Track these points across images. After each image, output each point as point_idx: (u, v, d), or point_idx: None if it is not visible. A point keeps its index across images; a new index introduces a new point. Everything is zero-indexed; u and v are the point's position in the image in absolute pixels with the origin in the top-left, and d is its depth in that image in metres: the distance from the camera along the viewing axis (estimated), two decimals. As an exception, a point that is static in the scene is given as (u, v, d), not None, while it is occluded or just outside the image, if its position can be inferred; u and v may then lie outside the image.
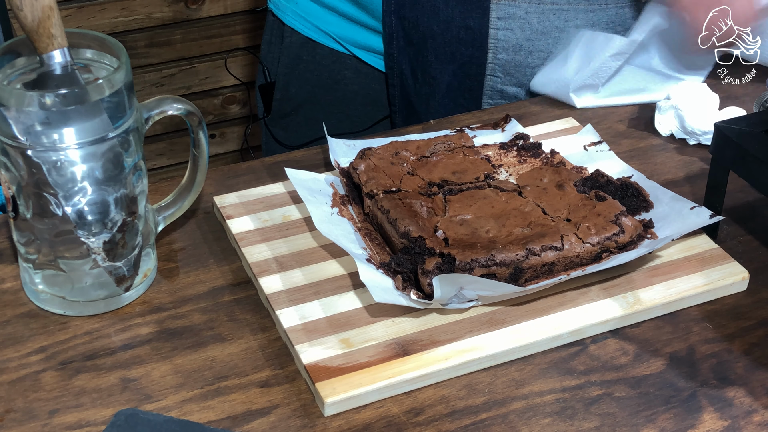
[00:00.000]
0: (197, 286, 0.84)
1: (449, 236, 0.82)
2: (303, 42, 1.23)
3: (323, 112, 1.25)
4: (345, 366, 0.74)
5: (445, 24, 1.11)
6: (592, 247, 0.81)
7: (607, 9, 1.11)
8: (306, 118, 1.27)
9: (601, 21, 1.12)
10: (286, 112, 1.29)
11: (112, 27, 2.04)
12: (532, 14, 1.10)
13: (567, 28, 1.11)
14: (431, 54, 1.14)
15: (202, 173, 0.85)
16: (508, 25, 1.10)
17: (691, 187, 0.96)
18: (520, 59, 1.12)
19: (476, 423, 0.72)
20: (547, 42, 1.12)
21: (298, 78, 1.26)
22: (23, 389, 0.74)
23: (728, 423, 0.73)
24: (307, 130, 1.27)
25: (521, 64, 1.13)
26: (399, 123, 1.21)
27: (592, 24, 1.11)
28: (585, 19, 1.11)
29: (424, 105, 1.18)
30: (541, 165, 0.93)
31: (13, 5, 0.73)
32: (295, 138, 1.29)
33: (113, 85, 0.74)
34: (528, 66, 1.13)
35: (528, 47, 1.11)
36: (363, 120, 1.24)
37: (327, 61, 1.22)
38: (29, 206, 0.76)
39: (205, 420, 0.72)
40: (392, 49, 1.15)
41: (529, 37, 1.11)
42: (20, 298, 0.82)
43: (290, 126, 1.29)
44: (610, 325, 0.80)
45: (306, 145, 1.27)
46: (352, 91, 1.22)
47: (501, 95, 1.15)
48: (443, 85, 1.15)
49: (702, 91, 1.02)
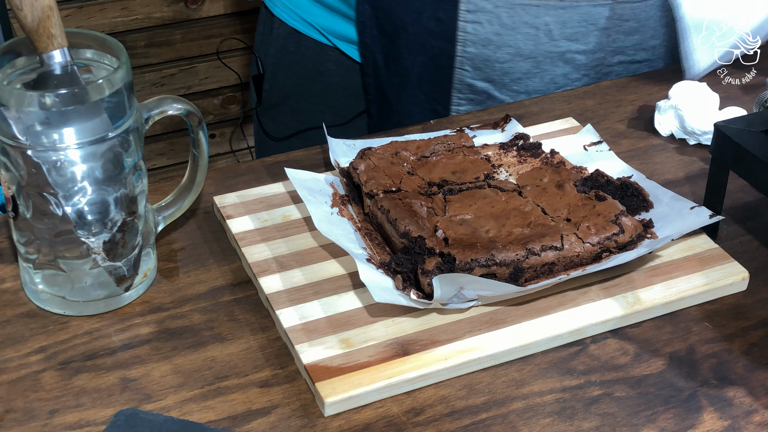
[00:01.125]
0: (197, 286, 0.84)
1: (449, 236, 0.82)
2: (289, 33, 1.24)
3: (308, 103, 1.26)
4: (345, 366, 0.74)
5: (416, 14, 1.11)
6: (592, 247, 0.81)
7: (579, 7, 1.10)
8: (292, 109, 1.28)
9: (572, 19, 1.11)
10: (274, 102, 1.30)
11: (112, 27, 2.04)
12: (502, 8, 1.09)
13: (537, 24, 1.10)
14: (403, 44, 1.14)
15: (202, 173, 0.85)
16: (477, 19, 1.09)
17: (691, 187, 0.96)
18: (489, 54, 1.11)
19: (476, 423, 0.72)
20: (516, 38, 1.11)
21: (284, 69, 1.27)
22: (23, 389, 0.74)
23: (728, 423, 0.73)
24: (293, 121, 1.28)
25: (490, 58, 1.12)
26: (374, 113, 1.21)
27: (562, 21, 1.11)
28: (555, 16, 1.10)
29: (396, 95, 1.18)
30: (541, 165, 0.93)
31: (13, 5, 0.73)
32: (282, 129, 1.29)
33: (113, 85, 0.74)
34: (497, 61, 1.12)
35: (497, 42, 1.11)
36: (345, 112, 1.24)
37: (311, 52, 1.23)
38: (29, 206, 0.76)
39: (205, 420, 0.72)
40: (366, 38, 1.15)
41: (497, 31, 1.10)
42: (20, 298, 0.82)
43: (278, 117, 1.31)
44: (610, 325, 0.80)
45: (290, 138, 1.27)
46: (335, 83, 1.23)
47: (470, 89, 1.15)
48: (414, 77, 1.15)
49: (702, 91, 1.02)
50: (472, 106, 1.16)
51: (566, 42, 1.12)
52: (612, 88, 1.13)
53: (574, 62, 1.15)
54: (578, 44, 1.13)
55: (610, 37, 1.14)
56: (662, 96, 1.08)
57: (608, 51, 1.16)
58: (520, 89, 1.15)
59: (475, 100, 1.16)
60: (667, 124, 1.03)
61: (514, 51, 1.11)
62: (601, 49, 1.15)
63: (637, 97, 1.11)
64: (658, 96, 1.10)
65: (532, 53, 1.12)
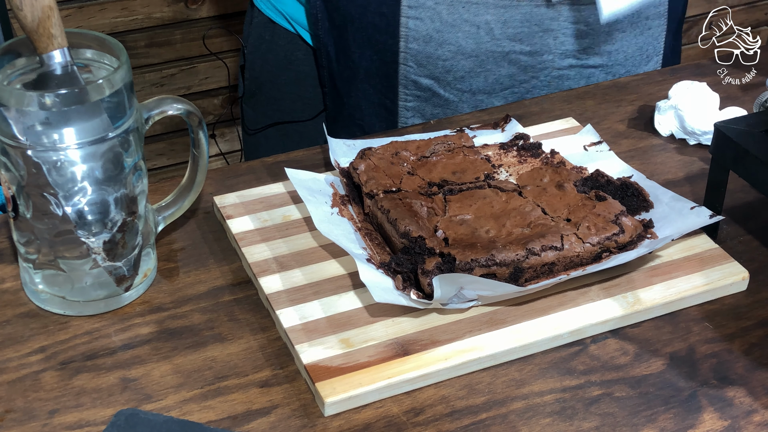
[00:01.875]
0: (197, 286, 0.84)
1: (449, 236, 0.82)
2: (265, 22, 1.25)
3: (280, 92, 1.26)
4: (345, 366, 0.74)
5: (362, 8, 1.11)
6: (592, 247, 0.81)
7: (519, 6, 1.09)
8: (267, 98, 1.29)
9: (513, 18, 1.10)
10: (253, 92, 1.31)
11: (112, 27, 2.04)
12: (442, 5, 1.08)
13: (477, 22, 1.09)
14: (351, 38, 1.14)
15: (202, 173, 0.85)
16: (419, 15, 1.08)
17: (691, 187, 0.96)
18: (431, 50, 1.11)
19: (476, 423, 0.72)
20: (457, 35, 1.10)
21: (261, 58, 1.27)
22: (23, 389, 0.74)
23: (728, 423, 0.73)
24: (270, 110, 1.28)
25: (432, 55, 1.11)
26: (330, 105, 1.21)
27: (503, 21, 1.09)
28: (496, 15, 1.09)
29: (347, 88, 1.18)
30: (541, 165, 0.93)
31: (13, 5, 0.73)
32: (261, 119, 1.30)
33: (113, 85, 0.74)
34: (439, 58, 1.11)
35: (438, 39, 1.10)
36: (316, 102, 1.24)
37: (283, 41, 1.23)
38: (29, 206, 0.76)
39: (205, 420, 0.72)
40: (318, 31, 1.16)
41: (438, 28, 1.09)
42: (20, 298, 0.82)
43: (257, 106, 1.31)
44: (610, 325, 0.80)
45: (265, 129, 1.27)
46: (304, 72, 1.23)
47: (415, 86, 1.14)
48: (362, 71, 1.15)
49: (702, 91, 1.02)
50: (419, 103, 1.15)
51: (509, 42, 1.11)
52: (612, 88, 1.13)
53: (520, 63, 1.13)
54: (522, 45, 1.12)
55: (557, 40, 1.13)
56: (662, 96, 1.08)
57: (557, 54, 1.14)
58: (464, 88, 1.14)
59: (422, 96, 1.15)
60: (667, 124, 1.03)
61: (456, 49, 1.10)
62: (548, 52, 1.13)
63: (637, 97, 1.11)
64: (658, 96, 1.10)
65: (474, 52, 1.11)
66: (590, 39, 1.14)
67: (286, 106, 1.24)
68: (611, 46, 1.16)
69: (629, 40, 1.17)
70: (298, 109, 1.24)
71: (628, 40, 1.17)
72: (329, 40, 1.16)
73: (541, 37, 1.12)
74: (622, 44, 1.16)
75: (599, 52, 1.16)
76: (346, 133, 1.19)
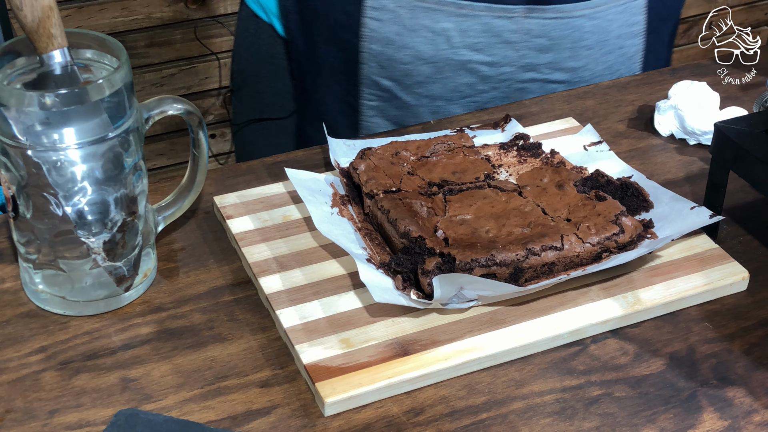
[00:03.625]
0: (197, 286, 0.84)
1: (449, 236, 0.82)
2: (250, 16, 1.25)
3: (263, 86, 1.27)
4: (345, 366, 0.74)
5: (328, 5, 1.11)
6: (592, 247, 0.81)
7: (478, 16, 1.07)
8: (252, 92, 1.29)
9: (472, 28, 1.08)
10: (239, 85, 1.31)
11: (112, 27, 2.04)
12: (403, 8, 1.07)
13: (436, 29, 1.08)
14: (317, 33, 1.14)
15: (202, 173, 0.85)
16: (380, 16, 1.08)
17: (691, 187, 0.96)
18: (391, 53, 1.10)
19: (476, 423, 0.72)
20: (416, 40, 1.09)
21: (246, 51, 1.28)
22: (23, 389, 0.74)
23: (728, 423, 0.73)
24: (254, 104, 1.28)
25: (392, 58, 1.10)
26: (299, 98, 1.22)
27: (462, 29, 1.08)
28: (455, 23, 1.08)
29: (313, 82, 1.18)
30: (541, 165, 0.93)
31: (13, 5, 0.73)
32: (247, 112, 1.30)
33: (113, 85, 0.74)
34: (399, 62, 1.10)
35: (398, 42, 1.09)
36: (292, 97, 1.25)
37: (265, 35, 1.24)
38: (29, 206, 0.76)
39: (205, 420, 0.72)
40: (290, 23, 1.16)
41: (398, 31, 1.08)
42: (20, 298, 0.82)
43: (243, 99, 1.32)
44: (610, 325, 0.80)
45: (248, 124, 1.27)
46: (283, 67, 1.24)
47: (377, 86, 1.13)
48: (327, 66, 1.15)
49: (702, 91, 1.02)
50: (380, 103, 1.15)
51: (468, 51, 1.10)
52: (612, 88, 1.13)
53: (479, 73, 1.12)
54: (482, 55, 1.10)
55: (518, 52, 1.11)
56: (662, 96, 1.08)
57: (518, 66, 1.12)
58: (423, 93, 1.13)
59: (383, 97, 1.14)
60: (667, 124, 1.03)
61: (415, 54, 1.09)
62: (508, 64, 1.12)
63: (637, 97, 1.11)
64: (658, 96, 1.10)
65: (433, 58, 1.10)
66: (553, 54, 1.12)
67: (268, 100, 1.25)
68: (576, 62, 1.14)
69: (597, 58, 1.14)
70: (278, 104, 1.25)
71: (596, 58, 1.14)
72: (299, 33, 1.16)
73: (501, 49, 1.10)
74: (588, 62, 1.14)
75: (563, 68, 1.14)
76: (312, 129, 1.19)
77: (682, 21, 2.56)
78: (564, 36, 1.11)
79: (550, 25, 1.09)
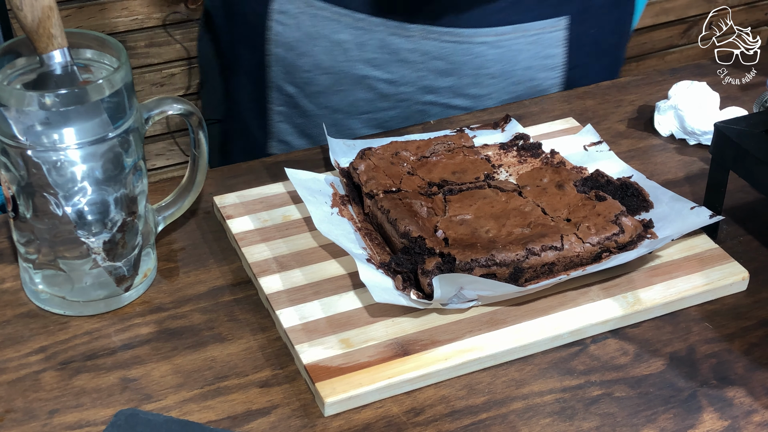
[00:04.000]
0: (197, 286, 0.84)
1: (449, 236, 0.82)
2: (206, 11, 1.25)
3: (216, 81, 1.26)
4: (345, 366, 0.74)
5: (243, 4, 1.11)
6: (592, 247, 0.81)
7: (374, 31, 1.05)
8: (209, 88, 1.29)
9: (369, 43, 1.06)
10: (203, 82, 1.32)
11: (112, 27, 2.04)
12: (304, 15, 1.06)
13: (335, 40, 1.06)
14: (234, 31, 1.14)
15: (202, 173, 0.85)
16: (285, 21, 1.07)
17: (691, 187, 0.96)
18: (293, 59, 1.09)
19: (476, 423, 0.72)
20: (316, 49, 1.07)
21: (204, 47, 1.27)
22: (23, 389, 0.74)
23: (728, 423, 0.73)
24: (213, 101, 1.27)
25: (294, 64, 1.09)
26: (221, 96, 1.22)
27: (359, 43, 1.06)
28: (352, 35, 1.06)
29: (231, 80, 1.18)
30: (541, 165, 0.93)
31: (13, 5, 0.73)
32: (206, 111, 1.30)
33: (113, 85, 0.74)
34: (300, 69, 1.09)
35: (299, 49, 1.08)
36: None
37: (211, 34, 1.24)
38: (29, 206, 0.76)
39: (205, 420, 0.72)
40: (216, 21, 1.16)
41: (300, 38, 1.07)
42: (20, 298, 0.82)
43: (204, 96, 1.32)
44: (610, 325, 0.80)
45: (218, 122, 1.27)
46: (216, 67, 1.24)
47: (282, 91, 1.13)
48: (240, 66, 1.15)
49: (702, 91, 1.02)
50: (286, 108, 1.14)
51: (365, 66, 1.08)
52: (612, 88, 1.12)
53: (377, 90, 1.09)
54: (380, 72, 1.08)
55: (417, 73, 1.08)
56: (662, 96, 1.08)
57: (417, 87, 1.09)
58: (324, 103, 1.12)
59: (288, 103, 1.13)
60: (667, 124, 1.03)
61: (314, 62, 1.08)
62: (408, 83, 1.09)
63: (637, 97, 1.11)
64: (658, 96, 1.10)
65: (331, 69, 1.08)
66: (454, 79, 1.09)
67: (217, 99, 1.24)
68: (479, 90, 1.10)
69: (503, 88, 1.11)
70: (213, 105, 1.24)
71: (502, 88, 1.11)
72: (223, 31, 1.16)
73: (399, 68, 1.08)
74: (493, 90, 1.11)
75: (465, 94, 1.10)
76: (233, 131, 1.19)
77: (683, 21, 2.56)
78: (465, 62, 1.07)
79: (448, 48, 1.06)
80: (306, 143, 1.14)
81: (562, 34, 1.08)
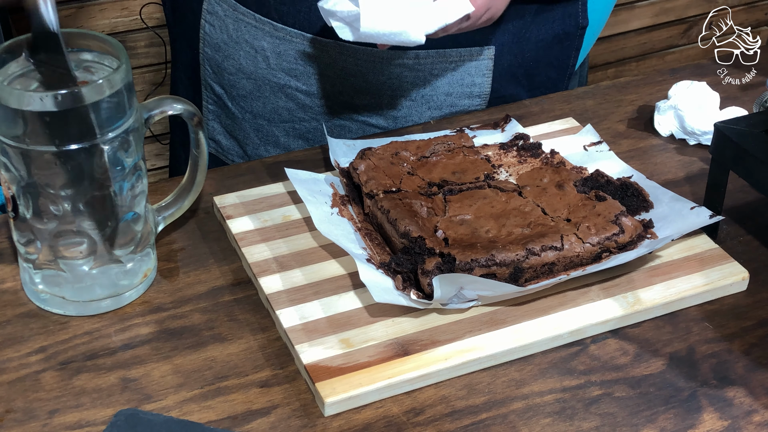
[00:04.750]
0: (197, 286, 0.84)
1: (449, 236, 0.82)
2: None
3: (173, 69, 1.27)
4: (345, 366, 0.74)
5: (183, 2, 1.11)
6: (592, 247, 0.81)
7: (292, 42, 1.04)
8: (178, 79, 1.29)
9: (287, 52, 1.05)
10: None
11: (112, 27, 2.04)
12: (229, 18, 1.06)
13: (255, 46, 1.06)
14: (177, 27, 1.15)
15: (202, 173, 0.85)
16: (212, 21, 1.07)
17: (691, 187, 0.96)
18: (219, 60, 1.09)
19: (476, 423, 0.72)
20: (239, 53, 1.07)
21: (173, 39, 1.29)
22: (23, 389, 0.74)
23: (728, 423, 0.73)
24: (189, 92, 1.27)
25: (221, 65, 1.10)
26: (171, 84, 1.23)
27: (278, 52, 1.05)
28: (271, 44, 1.05)
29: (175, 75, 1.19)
30: (541, 165, 0.93)
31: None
32: None
33: (113, 86, 0.74)
34: (226, 71, 1.09)
35: (224, 51, 1.08)
36: None
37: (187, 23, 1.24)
38: (29, 206, 0.76)
39: (205, 420, 0.72)
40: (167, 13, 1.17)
41: (225, 40, 1.08)
42: (20, 298, 0.82)
43: None
44: (610, 325, 0.80)
45: None
46: None
47: (212, 90, 1.13)
48: (180, 61, 1.16)
49: (702, 91, 1.02)
50: (216, 108, 1.14)
51: (285, 75, 1.07)
52: (612, 88, 1.13)
53: (297, 100, 1.08)
54: (299, 82, 1.07)
55: (334, 88, 1.07)
56: (662, 96, 1.08)
57: (336, 102, 1.08)
58: (246, 108, 1.11)
59: (217, 102, 1.13)
60: (667, 124, 1.03)
61: (237, 66, 1.08)
62: (326, 97, 1.07)
63: (637, 97, 1.11)
64: (658, 96, 1.10)
65: (252, 75, 1.08)
66: (370, 98, 1.07)
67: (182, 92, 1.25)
68: (397, 112, 1.08)
69: (422, 112, 1.08)
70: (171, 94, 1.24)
71: (421, 112, 1.08)
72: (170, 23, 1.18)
73: (318, 81, 1.07)
74: (411, 113, 1.08)
75: (383, 115, 1.09)
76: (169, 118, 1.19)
77: (683, 21, 2.56)
78: (382, 82, 1.06)
79: (365, 67, 1.05)
80: (234, 144, 1.14)
81: (488, 64, 1.06)
